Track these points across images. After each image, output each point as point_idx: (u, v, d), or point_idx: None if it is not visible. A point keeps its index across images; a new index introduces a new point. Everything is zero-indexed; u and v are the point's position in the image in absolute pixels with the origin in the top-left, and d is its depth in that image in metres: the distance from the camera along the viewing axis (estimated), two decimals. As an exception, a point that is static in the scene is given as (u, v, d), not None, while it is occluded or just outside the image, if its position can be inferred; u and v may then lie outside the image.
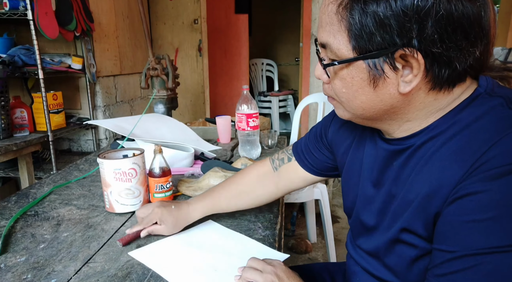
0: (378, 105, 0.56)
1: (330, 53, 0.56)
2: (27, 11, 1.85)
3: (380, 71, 0.52)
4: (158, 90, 1.83)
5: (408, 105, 0.55)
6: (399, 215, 0.58)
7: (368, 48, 0.51)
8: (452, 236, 0.49)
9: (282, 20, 5.49)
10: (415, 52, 0.49)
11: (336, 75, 0.57)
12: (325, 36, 0.56)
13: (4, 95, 1.82)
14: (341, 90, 0.58)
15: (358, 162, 0.71)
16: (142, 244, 0.80)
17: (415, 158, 0.57)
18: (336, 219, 2.61)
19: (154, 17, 3.53)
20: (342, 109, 0.62)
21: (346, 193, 0.76)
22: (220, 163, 1.19)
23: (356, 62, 0.54)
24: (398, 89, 0.53)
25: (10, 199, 1.06)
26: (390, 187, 0.62)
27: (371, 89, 0.55)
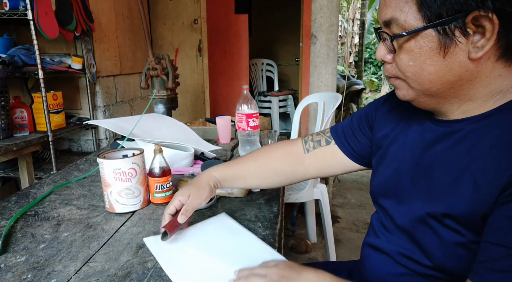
0: (446, 76, 0.55)
1: (396, 27, 0.56)
2: (27, 11, 1.85)
3: (451, 36, 0.52)
4: (158, 90, 1.83)
5: (476, 77, 0.55)
6: (442, 198, 0.58)
7: (440, 14, 0.51)
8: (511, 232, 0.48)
9: (282, 20, 5.49)
10: (489, 13, 0.49)
11: (402, 48, 0.57)
12: (390, 12, 0.56)
13: (4, 95, 1.82)
14: (408, 64, 0.57)
15: (398, 145, 0.70)
16: (141, 245, 0.80)
17: (465, 143, 0.57)
18: (336, 219, 2.61)
19: (154, 17, 3.53)
20: (406, 88, 0.61)
21: (378, 174, 0.75)
22: (220, 163, 1.19)
23: (425, 31, 0.53)
24: (469, 56, 0.53)
25: (10, 199, 1.06)
26: (431, 169, 0.61)
27: (440, 58, 0.54)
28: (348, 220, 2.62)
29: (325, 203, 2.00)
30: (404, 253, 0.67)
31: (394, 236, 0.69)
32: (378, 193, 0.75)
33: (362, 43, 7.28)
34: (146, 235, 0.84)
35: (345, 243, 2.31)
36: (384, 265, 0.71)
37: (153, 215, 0.94)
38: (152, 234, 0.84)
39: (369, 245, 0.76)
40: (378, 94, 9.15)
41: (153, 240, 0.79)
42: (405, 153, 0.68)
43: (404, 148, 0.69)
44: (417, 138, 0.66)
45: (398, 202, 0.68)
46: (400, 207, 0.68)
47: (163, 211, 0.80)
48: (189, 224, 0.86)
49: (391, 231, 0.70)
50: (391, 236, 0.70)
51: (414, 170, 0.65)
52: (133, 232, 0.85)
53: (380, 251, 0.73)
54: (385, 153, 0.74)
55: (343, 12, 9.08)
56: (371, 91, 9.33)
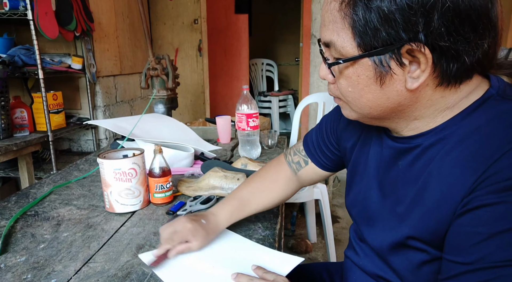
0: (385, 103, 0.55)
1: (334, 51, 0.55)
2: (27, 11, 1.85)
3: (386, 68, 0.51)
4: (158, 90, 1.83)
5: (416, 102, 0.54)
6: (406, 218, 0.58)
7: (374, 45, 0.50)
8: (466, 248, 0.48)
9: (282, 20, 5.49)
10: (422, 47, 0.48)
11: (342, 74, 0.56)
12: (328, 35, 0.55)
13: (4, 95, 1.82)
14: (347, 89, 0.57)
15: (363, 159, 0.70)
16: (141, 245, 0.80)
17: (423, 159, 0.56)
18: (336, 219, 2.61)
19: (154, 17, 3.53)
20: (348, 109, 0.61)
21: (350, 188, 0.75)
22: (220, 163, 1.19)
23: (361, 60, 0.52)
24: (406, 86, 0.52)
25: (10, 199, 1.06)
26: (395, 187, 0.61)
27: (377, 87, 0.54)
28: (348, 220, 2.62)
29: (325, 203, 2.00)
30: (379, 275, 0.67)
31: (369, 256, 0.70)
32: (351, 209, 0.75)
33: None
34: (146, 235, 0.84)
35: (345, 243, 2.31)
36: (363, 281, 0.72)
37: (153, 216, 0.94)
38: (152, 235, 0.84)
39: (348, 258, 0.77)
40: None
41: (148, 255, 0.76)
42: (370, 169, 0.68)
43: (369, 164, 0.69)
44: (378, 153, 0.66)
45: (369, 221, 0.68)
46: (372, 227, 0.68)
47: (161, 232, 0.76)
48: None
49: (366, 251, 0.71)
50: (367, 255, 0.70)
51: (380, 188, 0.65)
52: (133, 232, 0.85)
53: (357, 266, 0.73)
54: (355, 167, 0.74)
55: (343, 12, 9.06)
56: (371, 91, 9.31)
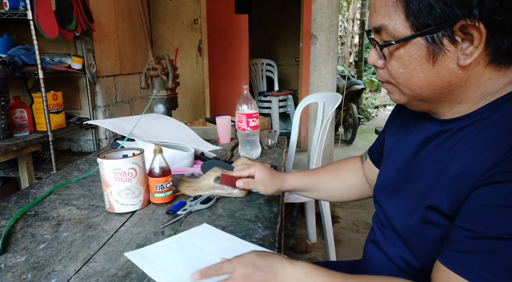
0: (436, 82, 0.56)
1: (385, 35, 0.57)
2: (27, 11, 1.85)
3: (439, 45, 0.53)
4: (158, 90, 1.84)
5: (466, 82, 0.55)
6: (428, 194, 0.59)
7: (428, 23, 0.52)
8: (479, 217, 0.49)
9: (282, 20, 5.49)
10: (476, 22, 0.49)
11: (392, 56, 0.58)
12: (379, 19, 0.57)
13: (4, 95, 1.82)
14: (398, 71, 0.58)
15: (400, 144, 0.73)
16: (141, 245, 0.80)
17: (452, 140, 0.58)
18: (336, 219, 2.61)
19: (154, 17, 3.53)
20: (398, 93, 0.63)
21: (381, 174, 0.78)
22: (220, 163, 1.19)
23: (414, 40, 0.54)
24: (458, 63, 0.53)
25: (10, 199, 1.06)
26: (421, 167, 0.63)
27: (429, 66, 0.55)
28: (348, 220, 2.62)
29: (325, 203, 2.00)
30: (400, 255, 0.68)
31: (389, 235, 0.71)
32: (377, 191, 0.78)
33: (362, 43, 7.27)
34: (146, 235, 0.84)
35: (345, 243, 2.31)
36: (384, 264, 0.72)
37: (153, 215, 0.94)
38: (152, 234, 0.84)
39: (371, 242, 0.78)
40: (378, 94, 9.14)
41: (135, 254, 0.76)
42: (403, 152, 0.70)
43: (403, 148, 0.71)
44: (414, 137, 0.68)
45: (393, 198, 0.70)
46: (394, 204, 0.70)
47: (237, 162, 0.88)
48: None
49: (387, 230, 0.72)
50: (387, 235, 0.72)
51: (408, 168, 0.67)
52: (133, 232, 0.85)
53: (379, 248, 0.74)
54: (389, 153, 0.77)
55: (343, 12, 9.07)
56: (371, 91, 9.33)
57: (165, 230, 0.86)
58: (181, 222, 0.90)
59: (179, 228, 0.87)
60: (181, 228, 0.87)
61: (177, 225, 0.89)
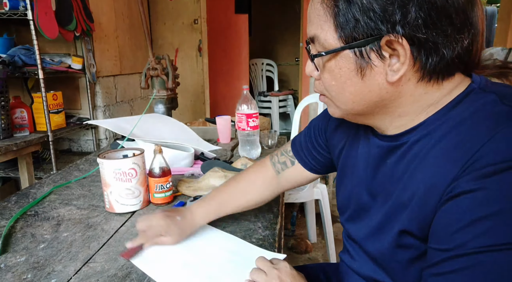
0: (368, 96, 0.55)
1: (318, 45, 0.56)
2: (27, 11, 1.85)
3: (367, 59, 0.52)
4: (158, 90, 1.83)
5: (399, 97, 0.55)
6: (395, 216, 0.58)
7: (354, 36, 0.51)
8: (447, 235, 0.48)
9: (282, 20, 5.49)
10: (399, 38, 0.49)
11: (325, 68, 0.57)
12: (313, 30, 0.56)
13: (4, 95, 1.82)
14: (331, 83, 0.58)
15: (351, 162, 0.70)
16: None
17: (409, 155, 0.57)
18: (336, 219, 2.61)
19: (154, 17, 3.53)
20: (333, 106, 0.62)
21: (339, 191, 0.76)
22: (220, 163, 1.19)
23: (343, 52, 0.53)
24: (386, 78, 0.53)
25: (10, 199, 1.06)
26: (384, 186, 0.61)
27: (359, 79, 0.54)
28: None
29: (325, 203, 2.00)
30: (373, 277, 0.67)
31: (362, 258, 0.70)
32: (341, 212, 0.76)
33: (362, 43, 7.27)
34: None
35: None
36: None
37: (153, 215, 0.94)
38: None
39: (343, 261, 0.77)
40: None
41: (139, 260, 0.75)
42: (359, 170, 0.68)
43: (357, 164, 0.69)
44: (366, 153, 0.66)
45: (359, 220, 0.68)
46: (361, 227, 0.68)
47: (137, 226, 0.78)
48: None
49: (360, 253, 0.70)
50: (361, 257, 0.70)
51: (369, 189, 0.65)
52: (133, 232, 0.85)
53: (353, 271, 0.73)
54: (343, 169, 0.74)
55: (343, 12, 9.06)
56: (371, 91, 9.31)
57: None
58: (181, 222, 0.90)
59: (179, 228, 0.87)
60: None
61: (177, 225, 0.89)
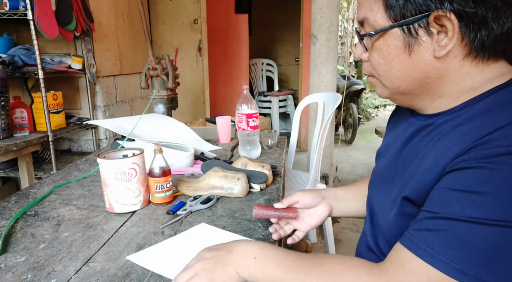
0: (414, 73, 0.58)
1: (368, 26, 0.60)
2: (27, 11, 1.85)
3: (414, 36, 0.55)
4: (158, 90, 1.83)
5: (443, 75, 0.57)
6: (404, 187, 0.60)
7: (403, 14, 0.54)
8: (437, 201, 0.51)
9: (282, 20, 5.49)
10: (447, 13, 0.51)
11: (373, 47, 0.61)
12: (362, 12, 0.60)
13: (4, 95, 1.82)
14: (378, 62, 0.61)
15: (391, 140, 0.74)
16: (141, 244, 0.80)
17: (432, 135, 0.60)
18: (336, 219, 2.61)
19: (154, 17, 3.53)
20: (381, 86, 0.65)
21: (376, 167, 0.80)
22: (220, 163, 1.19)
23: (391, 30, 0.57)
24: (434, 54, 0.55)
25: (10, 199, 1.06)
26: (404, 162, 0.65)
27: (406, 56, 0.57)
28: (348, 220, 2.62)
29: (325, 203, 2.00)
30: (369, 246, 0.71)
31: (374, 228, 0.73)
32: (369, 186, 0.80)
33: (362, 43, 7.26)
34: (146, 235, 0.84)
35: (345, 243, 2.31)
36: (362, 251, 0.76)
37: (153, 215, 0.94)
38: (152, 234, 0.84)
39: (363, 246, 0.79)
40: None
41: (137, 256, 0.76)
42: (393, 147, 0.72)
43: (393, 143, 0.73)
44: (402, 133, 0.70)
45: (380, 192, 0.72)
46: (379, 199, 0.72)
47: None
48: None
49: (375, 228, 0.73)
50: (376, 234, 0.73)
51: (394, 163, 0.69)
52: (133, 232, 0.85)
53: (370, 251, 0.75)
54: (382, 150, 0.79)
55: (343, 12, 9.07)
56: (371, 91, 9.32)
57: (165, 230, 0.86)
58: (181, 222, 0.90)
59: (179, 228, 0.87)
60: (181, 228, 0.87)
61: (177, 225, 0.89)
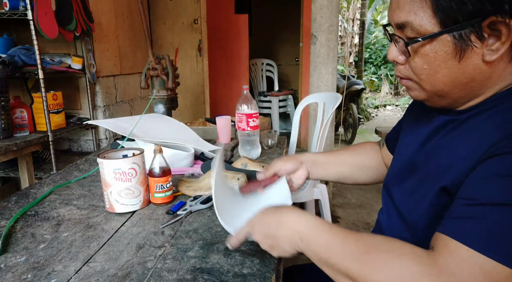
0: (459, 78, 0.57)
1: (410, 31, 0.57)
2: (27, 11, 1.85)
3: (467, 42, 0.53)
4: (158, 90, 1.83)
5: (488, 78, 0.56)
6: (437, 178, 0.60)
7: (456, 19, 0.52)
8: (476, 186, 0.50)
9: (282, 20, 5.49)
10: (507, 19, 0.50)
11: (417, 52, 0.58)
12: (404, 15, 0.56)
13: (4, 95, 1.82)
14: (422, 67, 0.58)
15: (413, 133, 0.74)
16: (141, 244, 0.80)
17: (463, 126, 0.59)
18: (336, 219, 2.61)
19: (154, 17, 3.53)
20: (418, 90, 0.63)
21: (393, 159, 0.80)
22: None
23: (440, 36, 0.54)
24: (484, 59, 0.54)
25: (10, 199, 1.06)
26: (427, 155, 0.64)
27: (455, 62, 0.55)
28: (348, 220, 2.62)
29: (325, 203, 2.00)
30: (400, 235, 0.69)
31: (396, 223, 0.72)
32: (388, 178, 0.79)
33: (362, 43, 7.27)
34: (146, 235, 0.84)
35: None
36: None
37: (153, 215, 0.94)
38: (152, 234, 0.84)
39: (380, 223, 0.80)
40: (378, 94, 9.14)
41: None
42: (414, 142, 0.71)
43: (414, 137, 0.72)
44: (425, 127, 0.69)
45: (402, 184, 0.72)
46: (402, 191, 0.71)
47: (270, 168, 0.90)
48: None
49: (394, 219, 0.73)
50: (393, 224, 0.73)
51: (417, 156, 0.69)
52: (133, 232, 0.85)
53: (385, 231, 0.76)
54: (401, 143, 0.79)
55: (343, 12, 9.07)
56: (371, 91, 9.33)
57: (165, 230, 0.86)
58: (181, 222, 0.90)
59: (179, 228, 0.87)
60: (181, 228, 0.87)
61: (177, 225, 0.89)
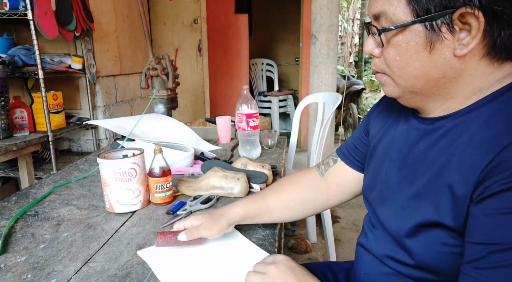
0: (431, 72, 0.56)
1: (384, 21, 0.57)
2: (27, 11, 1.85)
3: (437, 33, 0.53)
4: (158, 90, 1.83)
5: (459, 75, 0.55)
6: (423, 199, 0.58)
7: (429, 9, 0.52)
8: (494, 230, 0.48)
9: (282, 20, 5.49)
10: (476, 10, 0.49)
11: (390, 43, 0.58)
12: (379, 5, 0.57)
13: (4, 95, 1.82)
14: (395, 58, 0.58)
15: (386, 142, 0.71)
16: (141, 244, 0.80)
17: (443, 141, 0.57)
18: (336, 219, 2.61)
19: (154, 17, 3.53)
20: (392, 85, 0.62)
21: (367, 171, 0.76)
22: (220, 163, 1.19)
23: (413, 26, 0.54)
24: (454, 53, 0.53)
25: (10, 199, 1.06)
26: (415, 168, 0.62)
27: (426, 54, 0.55)
28: (348, 220, 2.62)
29: (325, 203, 2.00)
30: (389, 255, 0.67)
31: (380, 236, 0.70)
32: (367, 191, 0.76)
33: (362, 43, 7.28)
34: (146, 235, 0.84)
35: (345, 243, 2.31)
36: (372, 265, 0.71)
37: (153, 215, 0.94)
38: (152, 234, 0.84)
39: (360, 245, 0.77)
40: (378, 94, 9.13)
41: (147, 252, 0.77)
42: (392, 151, 0.69)
43: (391, 146, 0.69)
44: (403, 135, 0.67)
45: (385, 200, 0.68)
46: (387, 206, 0.68)
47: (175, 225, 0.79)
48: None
49: (378, 231, 0.70)
50: (377, 236, 0.70)
51: (401, 168, 0.66)
52: (133, 232, 0.85)
53: (368, 251, 0.73)
54: (373, 151, 0.75)
55: (343, 12, 9.07)
56: (371, 91, 9.33)
57: (165, 230, 0.86)
58: (181, 222, 0.90)
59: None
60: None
61: (177, 225, 0.89)
